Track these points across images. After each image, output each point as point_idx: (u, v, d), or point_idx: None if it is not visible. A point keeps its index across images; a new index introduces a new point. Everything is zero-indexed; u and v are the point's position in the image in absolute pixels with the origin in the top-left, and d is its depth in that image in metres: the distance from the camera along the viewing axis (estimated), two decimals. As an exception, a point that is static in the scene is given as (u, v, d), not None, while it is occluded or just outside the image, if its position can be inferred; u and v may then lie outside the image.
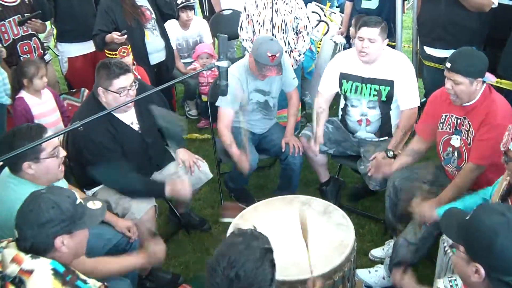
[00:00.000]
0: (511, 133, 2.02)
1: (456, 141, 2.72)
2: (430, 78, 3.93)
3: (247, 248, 1.51)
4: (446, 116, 2.75)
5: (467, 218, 1.63)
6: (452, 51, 3.57)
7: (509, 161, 2.04)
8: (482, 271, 1.55)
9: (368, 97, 3.23)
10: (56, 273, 1.66)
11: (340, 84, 3.31)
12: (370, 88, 3.20)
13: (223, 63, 2.01)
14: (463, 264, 1.62)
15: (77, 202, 1.81)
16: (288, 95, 3.58)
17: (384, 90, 3.17)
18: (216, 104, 3.36)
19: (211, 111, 3.55)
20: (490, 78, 2.57)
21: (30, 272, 1.64)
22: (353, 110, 3.33)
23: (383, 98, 3.19)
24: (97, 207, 1.88)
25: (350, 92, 3.27)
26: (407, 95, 3.17)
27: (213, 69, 4.48)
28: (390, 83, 3.15)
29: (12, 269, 1.64)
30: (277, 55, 3.12)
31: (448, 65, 2.53)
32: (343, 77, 3.29)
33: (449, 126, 2.74)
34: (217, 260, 1.50)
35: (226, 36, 2.05)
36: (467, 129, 2.62)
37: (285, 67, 3.38)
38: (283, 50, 3.28)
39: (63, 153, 2.31)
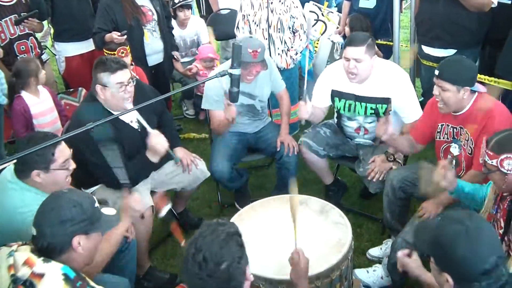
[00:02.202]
0: (484, 145, 2.07)
1: (455, 149, 2.74)
2: (428, 77, 3.93)
3: (212, 233, 1.59)
4: (442, 125, 2.76)
5: (434, 228, 1.67)
6: (450, 50, 3.62)
7: (488, 173, 2.08)
8: (451, 280, 1.59)
9: (363, 115, 3.16)
10: (66, 278, 1.65)
11: (333, 101, 3.26)
12: (366, 107, 3.12)
13: (236, 71, 2.04)
14: (436, 274, 1.67)
15: (95, 205, 1.84)
16: (278, 96, 3.58)
17: (381, 108, 3.09)
18: (202, 107, 3.45)
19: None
20: (479, 88, 2.58)
21: (41, 275, 1.63)
22: (349, 122, 3.28)
23: (381, 115, 3.11)
24: (112, 213, 1.91)
25: (344, 110, 3.21)
26: (410, 109, 3.09)
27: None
28: (387, 101, 3.07)
29: (24, 272, 1.64)
30: (258, 50, 3.10)
31: (437, 72, 2.56)
32: (335, 94, 3.21)
33: (446, 135, 2.76)
34: (187, 249, 1.58)
35: (241, 45, 2.08)
36: (466, 139, 2.63)
37: (271, 68, 3.38)
38: (265, 46, 3.24)
39: (73, 165, 2.31)
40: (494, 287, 1.55)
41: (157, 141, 2.75)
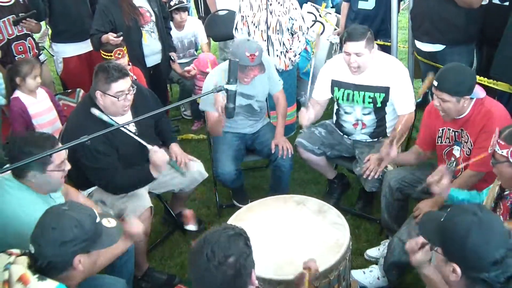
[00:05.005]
0: (497, 135, 2.06)
1: (457, 151, 2.75)
2: (425, 71, 3.98)
3: (222, 230, 1.64)
4: (443, 130, 2.77)
5: (442, 219, 1.68)
6: (438, 46, 3.63)
7: (496, 163, 2.06)
8: (459, 270, 1.61)
9: (361, 104, 3.22)
10: None
11: (332, 91, 3.30)
12: (364, 96, 3.17)
13: (232, 87, 2.04)
14: (441, 264, 1.68)
15: (97, 220, 1.81)
16: (274, 96, 3.58)
17: (379, 97, 3.15)
18: (200, 108, 3.45)
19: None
20: (479, 93, 2.58)
21: None
22: (347, 116, 3.33)
23: (378, 105, 3.18)
24: (112, 225, 1.87)
25: (342, 99, 3.26)
26: (404, 100, 3.15)
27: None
28: (385, 90, 3.13)
29: None
30: (256, 54, 3.10)
31: (436, 83, 2.53)
32: (335, 84, 3.27)
33: (447, 139, 2.76)
34: (196, 244, 1.62)
35: (237, 60, 2.08)
36: (466, 141, 2.64)
37: (269, 69, 3.38)
38: (262, 49, 3.26)
39: (68, 166, 2.30)
40: (501, 278, 1.57)
41: (157, 157, 2.73)
